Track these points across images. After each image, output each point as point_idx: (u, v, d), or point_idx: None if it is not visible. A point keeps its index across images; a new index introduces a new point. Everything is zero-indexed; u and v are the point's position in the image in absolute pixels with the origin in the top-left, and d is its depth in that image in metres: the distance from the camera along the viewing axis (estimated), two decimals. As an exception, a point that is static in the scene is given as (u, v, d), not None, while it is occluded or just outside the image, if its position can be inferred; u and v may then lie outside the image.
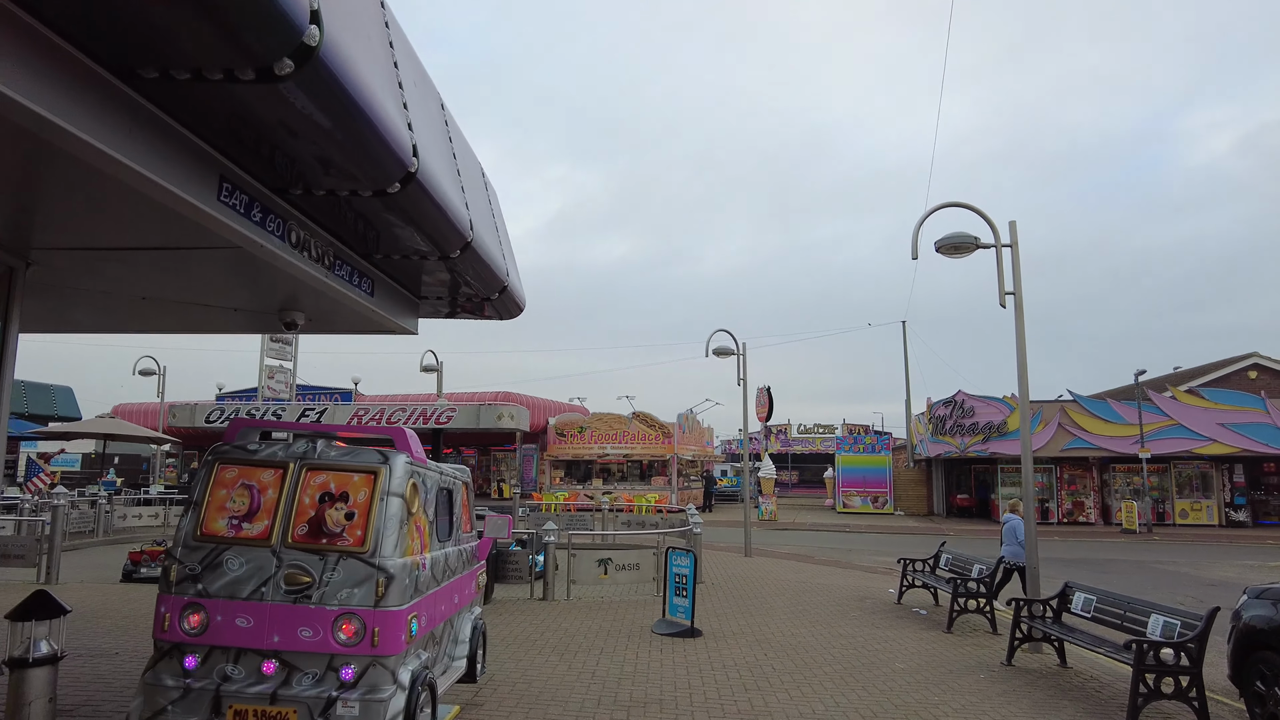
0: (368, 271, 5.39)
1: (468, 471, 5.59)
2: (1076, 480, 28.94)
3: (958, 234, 9.47)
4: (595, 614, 10.03)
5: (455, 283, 5.82)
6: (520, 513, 20.27)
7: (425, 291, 6.24)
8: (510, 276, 6.33)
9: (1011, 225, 9.60)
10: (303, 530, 3.85)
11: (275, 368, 26.72)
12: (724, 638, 8.79)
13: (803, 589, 12.69)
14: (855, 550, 20.98)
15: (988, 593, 9.84)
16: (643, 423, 34.00)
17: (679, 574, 8.96)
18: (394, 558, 3.79)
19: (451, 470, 5.02)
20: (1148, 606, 6.89)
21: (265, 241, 4.13)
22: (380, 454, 3.98)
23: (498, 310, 6.71)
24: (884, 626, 9.86)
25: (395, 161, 3.74)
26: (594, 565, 10.96)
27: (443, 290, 6.13)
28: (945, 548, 11.89)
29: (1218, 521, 27.46)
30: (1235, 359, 29.55)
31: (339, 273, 4.99)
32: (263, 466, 3.99)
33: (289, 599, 3.73)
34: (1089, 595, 7.68)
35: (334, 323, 6.21)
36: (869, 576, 15.08)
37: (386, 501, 3.82)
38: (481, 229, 5.33)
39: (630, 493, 31.52)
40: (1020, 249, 9.49)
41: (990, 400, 29.14)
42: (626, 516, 19.10)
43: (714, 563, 15.61)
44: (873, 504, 34.50)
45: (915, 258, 9.61)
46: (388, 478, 3.87)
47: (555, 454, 34.43)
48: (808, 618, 10.20)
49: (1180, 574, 16.93)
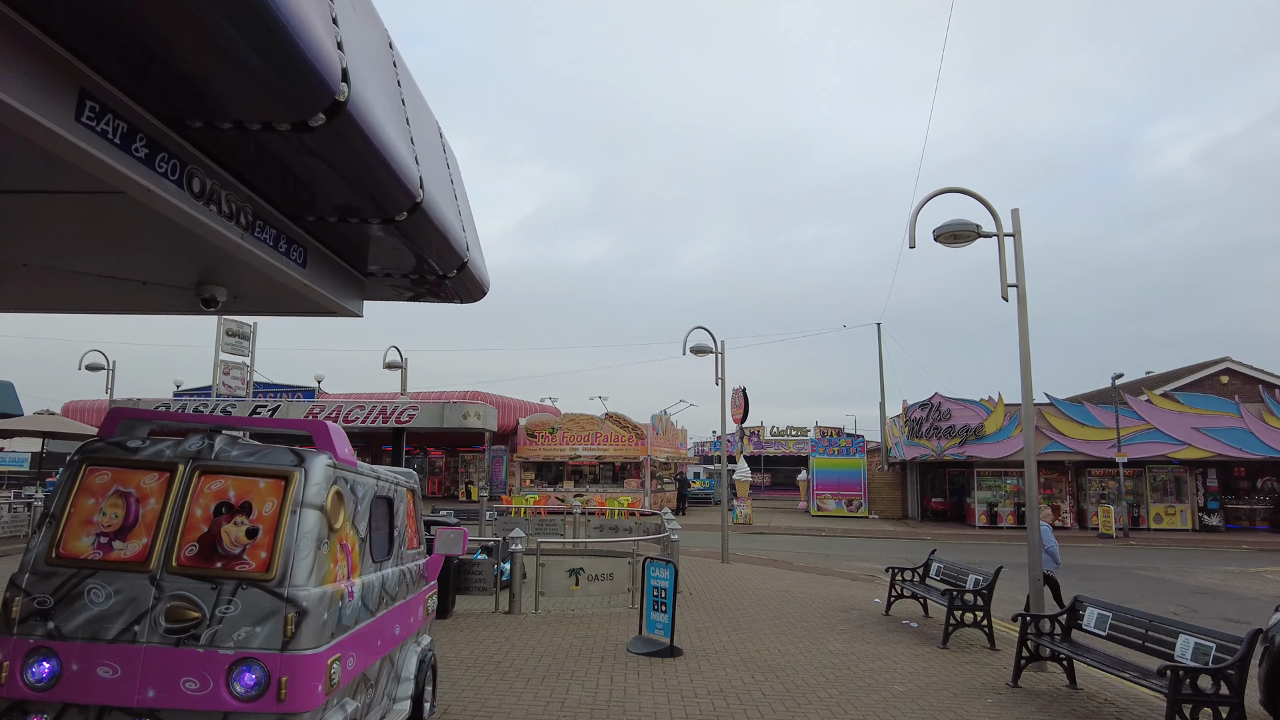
0: (298, 238, 4.54)
1: (414, 476, 4.74)
2: (1052, 484, 28.75)
3: (958, 221, 8.84)
4: (566, 629, 9.22)
5: (405, 256, 4.99)
6: (488, 516, 19.34)
7: (372, 266, 5.39)
8: (471, 252, 5.51)
9: (1014, 213, 9.00)
10: (192, 551, 2.99)
11: (231, 363, 25.41)
12: (706, 657, 8.04)
13: (785, 599, 12.01)
14: (833, 555, 20.41)
15: (985, 605, 9.22)
16: (615, 424, 33.21)
17: (658, 587, 8.19)
18: (309, 586, 2.97)
19: (392, 474, 4.15)
20: (1174, 626, 6.28)
21: (155, 186, 3.27)
22: (295, 454, 3.15)
23: (457, 292, 5.87)
24: (876, 642, 9.19)
25: (314, 83, 2.91)
26: (565, 575, 10.14)
27: (392, 265, 5.29)
28: (936, 556, 11.27)
29: (1191, 526, 27.45)
30: (1207, 364, 29.61)
31: (261, 236, 4.13)
32: (144, 469, 3.12)
33: (170, 641, 2.88)
34: (1103, 611, 7.06)
35: (261, 301, 5.33)
36: (852, 585, 14.46)
37: (300, 514, 2.99)
38: (435, 190, 4.51)
39: (602, 495, 30.69)
40: (1021, 240, 8.90)
41: (967, 403, 28.85)
42: (599, 521, 18.28)
43: (691, 569, 14.88)
44: (847, 507, 34.08)
45: (913, 246, 8.97)
46: (302, 484, 3.03)
47: (525, 455, 33.48)
48: (794, 632, 9.49)
49: (1164, 580, 16.60)
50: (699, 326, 17.62)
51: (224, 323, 25.26)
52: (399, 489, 4.22)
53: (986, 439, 28.16)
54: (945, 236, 8.92)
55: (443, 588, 9.79)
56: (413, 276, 5.55)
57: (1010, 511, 28.70)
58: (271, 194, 4.08)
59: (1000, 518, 28.76)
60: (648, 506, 30.55)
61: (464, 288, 5.84)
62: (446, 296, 6.02)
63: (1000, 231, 8.85)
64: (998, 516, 28.81)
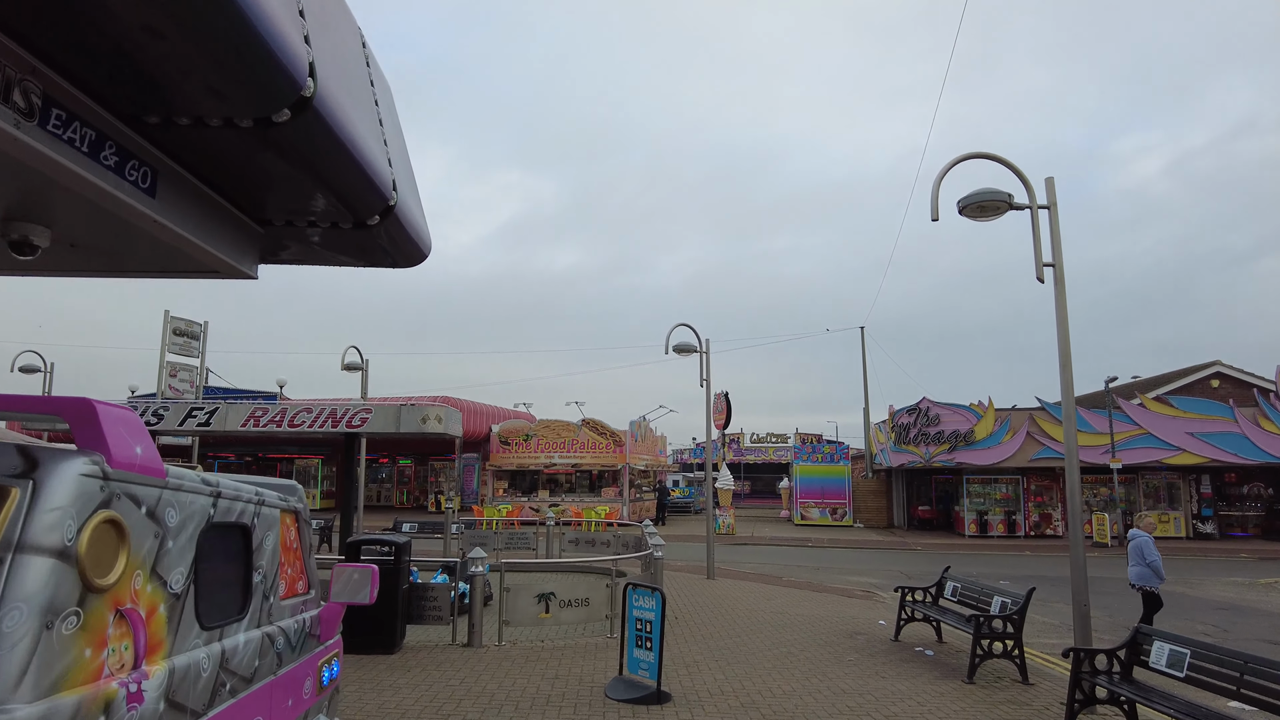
0: (141, 152, 3.22)
1: (298, 491, 3.36)
2: (1043, 491, 27.90)
3: (986, 191, 7.70)
4: (533, 666, 7.87)
5: (305, 188, 3.68)
6: (454, 529, 17.87)
7: (269, 209, 4.07)
8: (402, 196, 4.21)
9: (1049, 182, 7.88)
10: None
11: (179, 365, 23.76)
12: (700, 703, 6.73)
13: (782, 622, 10.75)
14: (823, 568, 19.24)
15: (1015, 633, 8.04)
16: (593, 430, 31.84)
17: (642, 619, 6.87)
18: (16, 705, 1.61)
19: (250, 490, 2.77)
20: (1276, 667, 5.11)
21: None
22: (22, 455, 1.82)
23: (388, 249, 4.56)
24: (891, 676, 7.96)
25: None
26: (533, 602, 8.79)
27: (292, 205, 3.97)
28: (950, 574, 10.09)
29: (1185, 534, 26.70)
30: (1197, 367, 29.00)
31: (69, 136, 2.80)
32: None
33: None
34: (1178, 648, 5.87)
35: (105, 249, 3.98)
36: (849, 603, 13.24)
37: (11, 568, 1.71)
38: (339, 91, 3.21)
39: (579, 505, 29.28)
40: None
41: (957, 408, 27.90)
42: (574, 534, 16.92)
43: (676, 588, 13.57)
44: (831, 516, 33.00)
45: (936, 219, 7.79)
46: (21, 509, 1.71)
47: (498, 464, 31.97)
48: (797, 665, 8.24)
49: (1177, 595, 15.59)
50: (683, 324, 16.40)
51: (170, 321, 23.60)
52: (263, 511, 2.82)
53: (977, 445, 27.21)
54: (972, 209, 7.76)
55: (388, 615, 8.39)
56: (323, 224, 4.21)
57: (1001, 520, 27.78)
58: (81, 71, 2.74)
59: (991, 526, 27.82)
60: (626, 517, 29.19)
61: (395, 244, 4.51)
62: (375, 256, 4.69)
63: (1034, 203, 7.72)
64: (988, 525, 27.86)
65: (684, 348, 16.30)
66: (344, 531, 13.05)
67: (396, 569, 8.51)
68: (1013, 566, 19.83)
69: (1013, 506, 27.93)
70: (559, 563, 13.56)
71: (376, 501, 38.86)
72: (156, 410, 13.57)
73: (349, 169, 3.55)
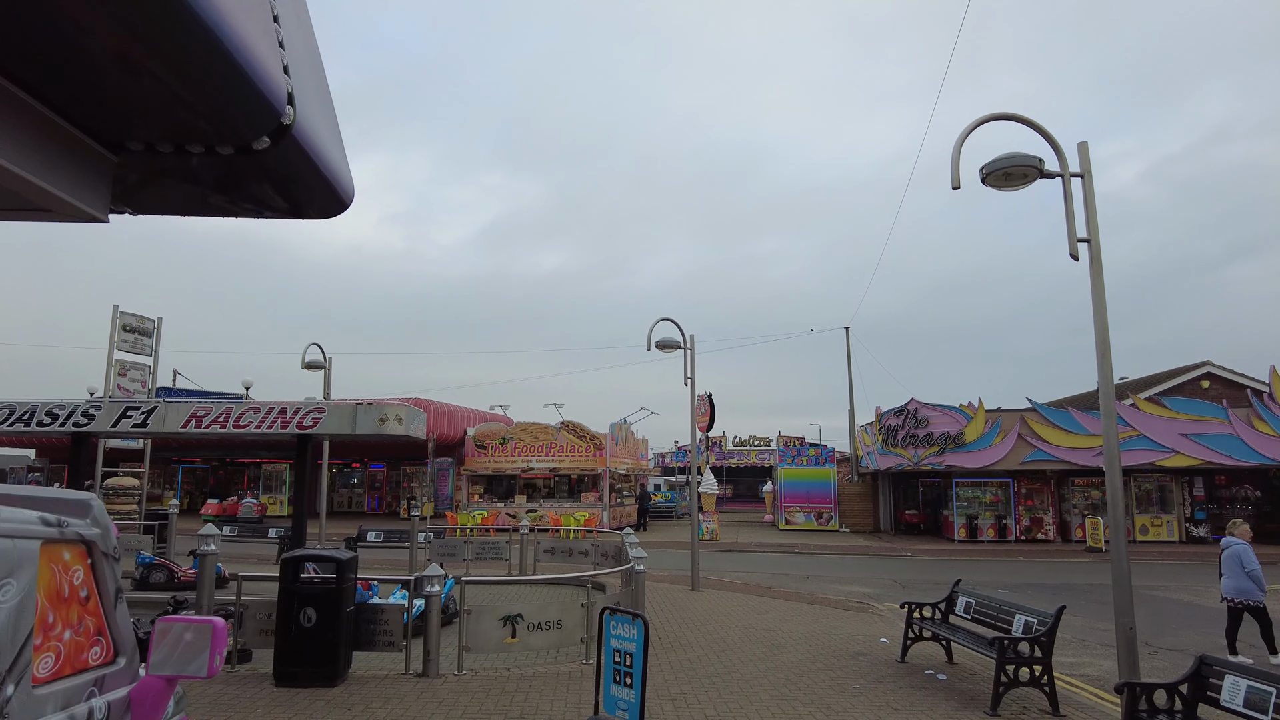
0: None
1: (93, 510, 2.27)
2: (1034, 495, 27.24)
3: (1013, 155, 6.79)
4: (494, 702, 6.81)
5: (151, 91, 2.65)
6: (421, 538, 16.72)
7: (117, 124, 3.03)
8: (302, 114, 3.18)
9: (1082, 148, 7.00)
10: None
11: (129, 363, 22.37)
12: (689, 749, 5.73)
13: (776, 641, 9.78)
14: (813, 576, 18.34)
15: (1044, 658, 7.12)
16: (572, 433, 30.77)
17: (620, 650, 5.84)
18: None
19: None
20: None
21: None
22: None
23: (287, 186, 3.51)
24: (905, 707, 7.01)
25: None
26: (497, 625, 7.73)
27: (143, 119, 2.94)
28: (962, 587, 9.18)
29: (1178, 537, 26.16)
30: (1188, 368, 28.55)
31: None
32: None
33: None
34: (1260, 684, 4.96)
35: None
36: (845, 616, 12.31)
37: None
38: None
39: (557, 511, 28.20)
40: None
41: (946, 409, 27.18)
42: (550, 542, 15.85)
43: (659, 601, 12.56)
44: (816, 520, 32.18)
45: (956, 187, 6.87)
46: None
47: (474, 468, 30.80)
48: (797, 695, 7.26)
49: (1182, 603, 14.88)
50: (665, 318, 15.41)
51: (120, 317, 22.20)
52: (16, 548, 1.73)
53: (967, 447, 26.49)
54: (996, 176, 6.86)
55: (330, 641, 7.31)
56: (194, 149, 3.16)
57: (991, 524, 27.07)
58: None
59: (980, 530, 27.10)
60: (606, 523, 28.14)
61: (297, 181, 3.46)
62: (269, 198, 3.63)
63: (1066, 171, 6.83)
64: (978, 529, 27.14)
65: (667, 344, 15.33)
66: (294, 543, 11.90)
67: (340, 589, 7.43)
68: (1009, 573, 19.04)
69: (1003, 510, 27.25)
70: (529, 579, 12.50)
71: (348, 508, 37.48)
72: (86, 410, 12.33)
73: (226, 67, 2.49)
